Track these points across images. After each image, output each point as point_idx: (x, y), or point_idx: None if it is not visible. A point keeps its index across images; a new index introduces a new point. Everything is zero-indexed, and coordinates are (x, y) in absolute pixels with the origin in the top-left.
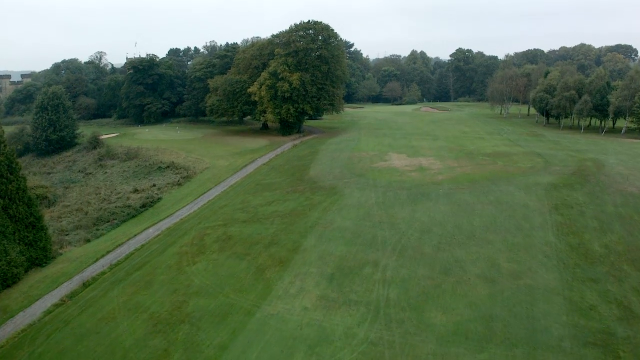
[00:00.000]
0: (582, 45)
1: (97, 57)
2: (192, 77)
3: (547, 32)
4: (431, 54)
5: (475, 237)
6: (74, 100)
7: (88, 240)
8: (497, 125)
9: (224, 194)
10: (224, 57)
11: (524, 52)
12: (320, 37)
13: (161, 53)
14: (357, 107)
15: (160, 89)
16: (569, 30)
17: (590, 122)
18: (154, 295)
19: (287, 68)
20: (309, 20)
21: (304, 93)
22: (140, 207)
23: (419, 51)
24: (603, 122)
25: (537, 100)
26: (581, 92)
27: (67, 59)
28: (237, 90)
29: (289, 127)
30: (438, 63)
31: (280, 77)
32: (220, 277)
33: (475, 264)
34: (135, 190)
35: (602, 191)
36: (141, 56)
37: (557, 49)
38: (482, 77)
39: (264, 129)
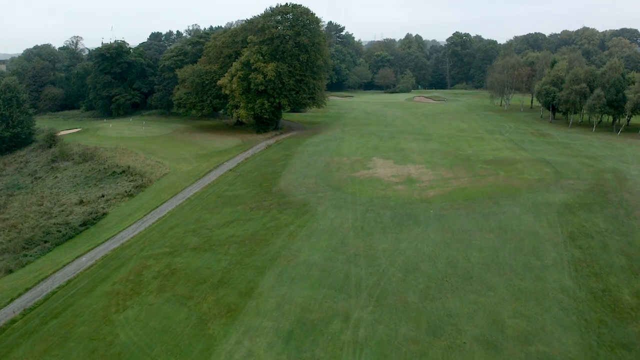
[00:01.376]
0: (585, 29)
1: (72, 42)
2: (161, 66)
3: (547, 13)
4: (428, 36)
5: (472, 279)
6: (40, 90)
7: (10, 271)
8: (497, 120)
9: (178, 210)
10: (196, 44)
11: (524, 36)
12: (299, 22)
13: (143, 37)
14: (347, 96)
15: (130, 79)
16: (570, 13)
17: (601, 119)
18: (67, 358)
19: (261, 57)
20: (287, 4)
21: (280, 86)
22: (80, 225)
23: (414, 35)
24: (617, 120)
25: (542, 94)
26: (593, 85)
27: (39, 45)
28: (206, 82)
29: (264, 123)
30: (434, 47)
31: (253, 67)
32: (152, 332)
33: (472, 320)
34: (81, 202)
35: (628, 215)
36: (117, 41)
37: (559, 32)
38: (480, 63)
39: (239, 125)
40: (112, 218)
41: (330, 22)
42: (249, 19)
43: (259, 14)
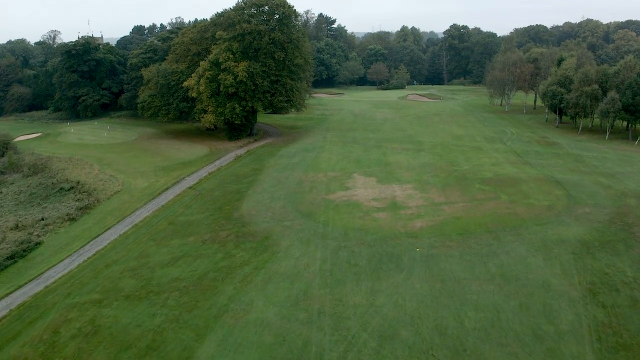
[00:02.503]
0: (589, 20)
1: (50, 36)
2: (129, 64)
3: (548, 4)
4: (426, 27)
5: (466, 353)
6: (6, 90)
7: None
8: (497, 124)
9: (121, 240)
10: (166, 40)
11: (525, 28)
12: (275, 16)
13: (125, 31)
14: (336, 94)
15: (99, 78)
16: (571, 3)
17: (613, 123)
18: None
19: (231, 56)
20: None
21: (252, 88)
22: (7, 258)
23: (410, 27)
24: (633, 126)
25: (548, 95)
26: (605, 87)
27: (13, 40)
28: (172, 83)
29: (236, 130)
30: (431, 40)
31: (222, 67)
32: None
33: None
34: (17, 227)
35: None
36: (84, 36)
37: (561, 24)
38: (479, 57)
39: (211, 130)
40: (45, 249)
41: (321, 14)
42: (219, 12)
43: (230, 7)
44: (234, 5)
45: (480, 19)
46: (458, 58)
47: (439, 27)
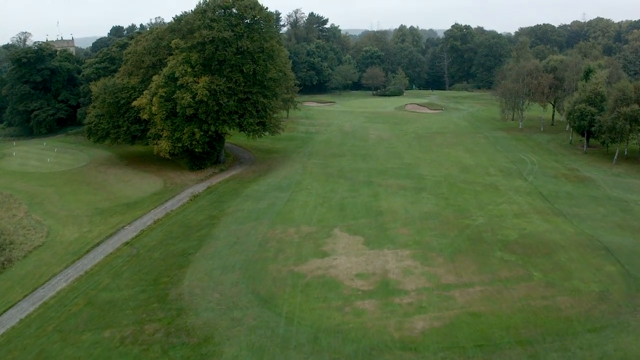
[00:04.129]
0: (599, 19)
1: (20, 38)
2: (80, 75)
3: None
4: (425, 25)
5: None
6: None
7: None
8: (512, 148)
9: (20, 330)
10: (125, 47)
11: (531, 27)
12: (245, 21)
13: (103, 31)
14: (327, 103)
15: (55, 89)
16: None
17: None
18: None
19: (189, 69)
20: None
21: (216, 108)
22: None
23: (408, 26)
24: None
25: (575, 116)
26: None
27: None
28: (122, 101)
29: (198, 158)
30: (431, 40)
31: (179, 83)
32: None
33: None
34: None
35: None
36: (37, 43)
37: (569, 23)
38: (483, 59)
39: (173, 155)
40: None
41: (312, 13)
42: (177, 15)
43: (191, 10)
44: (195, 7)
45: (478, 15)
46: (460, 60)
47: (438, 24)
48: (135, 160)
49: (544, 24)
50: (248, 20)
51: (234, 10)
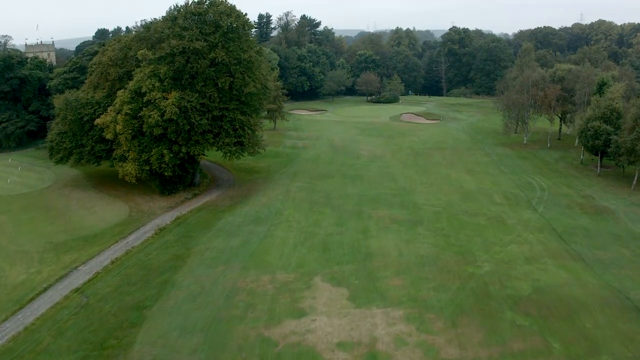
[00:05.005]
0: (602, 22)
1: (0, 42)
2: (47, 86)
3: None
4: (421, 26)
5: None
6: None
7: None
8: (518, 168)
9: None
10: (95, 55)
11: (531, 30)
12: (219, 29)
13: (89, 33)
14: (318, 111)
15: (26, 99)
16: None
17: None
18: None
19: (157, 84)
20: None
21: (187, 127)
22: None
23: (404, 29)
24: None
25: (589, 134)
26: None
27: None
28: (85, 118)
29: (169, 182)
30: (427, 43)
31: (146, 99)
32: None
33: None
34: None
35: None
36: (41, 42)
37: (570, 25)
38: (482, 64)
39: (141, 180)
40: None
41: (304, 16)
42: (147, 21)
43: (160, 17)
44: (165, 13)
45: (475, 16)
46: (458, 65)
47: (435, 24)
48: (103, 182)
49: (544, 27)
50: (224, 29)
51: (209, 16)
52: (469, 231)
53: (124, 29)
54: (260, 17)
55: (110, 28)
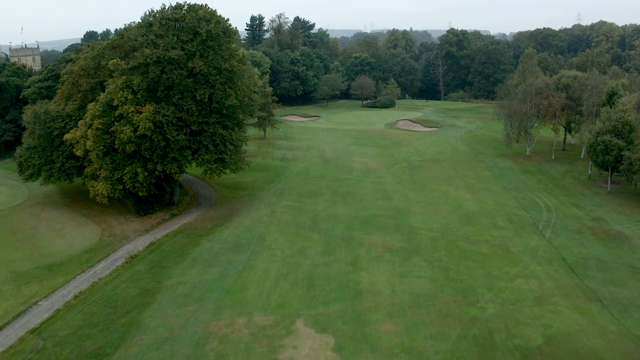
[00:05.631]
0: (602, 23)
1: None
2: (22, 96)
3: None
4: (419, 26)
5: None
6: None
7: None
8: (522, 184)
9: None
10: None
11: (531, 32)
12: (198, 36)
13: (77, 35)
14: (311, 117)
15: (2, 108)
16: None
17: None
18: None
19: (130, 96)
20: (180, 4)
21: (163, 144)
22: None
23: (401, 30)
24: None
25: (598, 149)
26: None
27: None
28: (55, 132)
29: (145, 202)
30: (424, 45)
31: (118, 113)
32: None
33: None
34: None
35: None
36: (25, 45)
37: (570, 27)
38: (481, 67)
39: (114, 199)
40: None
41: (298, 17)
42: (121, 28)
43: (133, 22)
44: (140, 19)
45: (472, 15)
46: (456, 68)
47: (432, 24)
48: (77, 199)
49: (544, 29)
50: (202, 36)
51: (187, 23)
52: (470, 262)
53: (112, 31)
54: (253, 19)
55: (100, 30)
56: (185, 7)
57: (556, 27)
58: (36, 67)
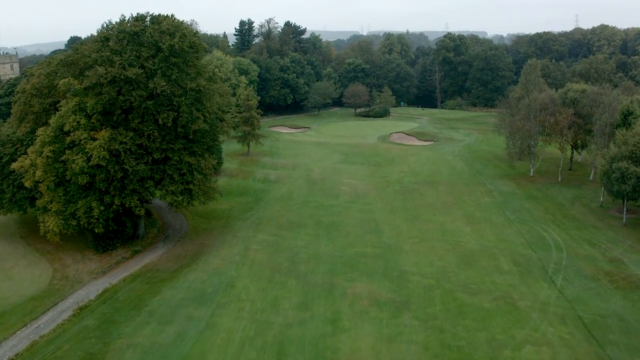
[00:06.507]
0: (604, 26)
1: None
2: None
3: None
4: (416, 27)
5: None
6: None
7: None
8: (527, 215)
9: None
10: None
11: (530, 36)
12: (161, 52)
13: (86, 34)
14: (300, 129)
15: None
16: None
17: None
18: None
19: (84, 121)
20: (142, 14)
21: (120, 175)
22: None
23: (397, 33)
24: None
25: (614, 177)
26: None
27: None
28: (5, 159)
29: (104, 238)
30: (421, 49)
31: (70, 140)
32: None
33: None
34: None
35: None
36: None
37: (571, 30)
38: (479, 73)
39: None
40: None
41: (288, 22)
42: (76, 43)
43: (91, 35)
44: (98, 31)
45: (469, 16)
46: (454, 74)
47: (430, 26)
48: (34, 229)
49: (544, 32)
50: (165, 52)
51: (148, 37)
52: (469, 321)
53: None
54: (242, 23)
55: (83, 35)
56: (148, 18)
57: (555, 29)
58: (14, 75)
